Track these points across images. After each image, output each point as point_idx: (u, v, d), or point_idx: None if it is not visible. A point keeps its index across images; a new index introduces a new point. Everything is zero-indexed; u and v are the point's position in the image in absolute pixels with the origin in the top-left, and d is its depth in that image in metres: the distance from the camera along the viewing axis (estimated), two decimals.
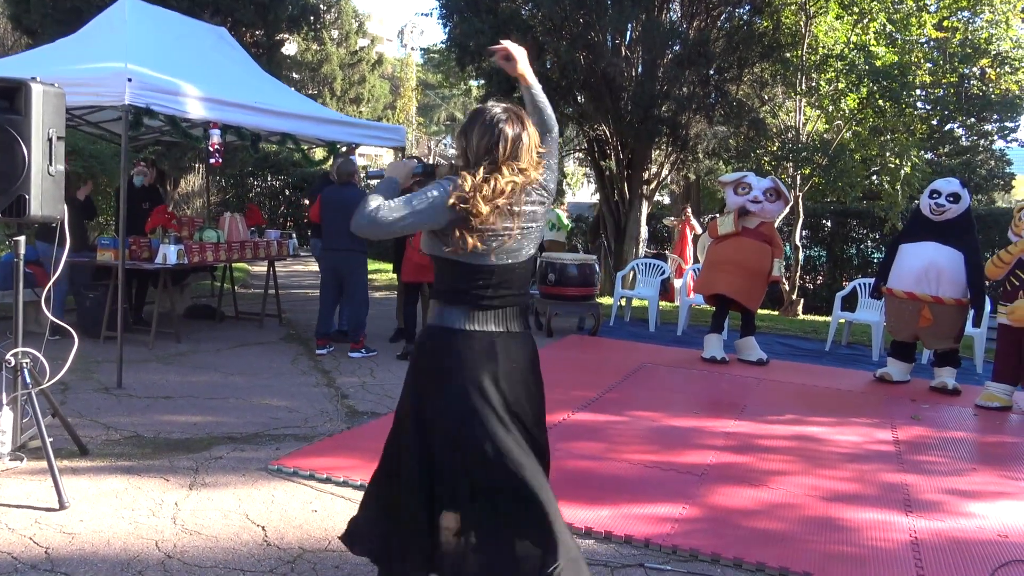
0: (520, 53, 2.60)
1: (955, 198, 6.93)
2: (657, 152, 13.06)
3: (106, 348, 6.84)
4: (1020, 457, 5.36)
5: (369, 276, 8.17)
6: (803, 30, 12.28)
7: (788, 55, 12.48)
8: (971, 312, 7.03)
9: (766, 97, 13.42)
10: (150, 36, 7.08)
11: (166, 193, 14.53)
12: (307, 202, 19.00)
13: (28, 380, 3.94)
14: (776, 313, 12.76)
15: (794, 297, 13.05)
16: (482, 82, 13.78)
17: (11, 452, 4.06)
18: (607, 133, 12.56)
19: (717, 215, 8.11)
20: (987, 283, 6.91)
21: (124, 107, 5.86)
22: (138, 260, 7.11)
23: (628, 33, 11.97)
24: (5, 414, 3.98)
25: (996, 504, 4.34)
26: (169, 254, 7.05)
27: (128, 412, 5.20)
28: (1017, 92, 13.20)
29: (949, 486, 4.60)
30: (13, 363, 3.92)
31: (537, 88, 2.62)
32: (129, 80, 5.79)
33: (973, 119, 17.14)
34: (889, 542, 3.74)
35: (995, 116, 17.20)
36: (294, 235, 9.49)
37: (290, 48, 23.50)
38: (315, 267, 12.68)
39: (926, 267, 6.89)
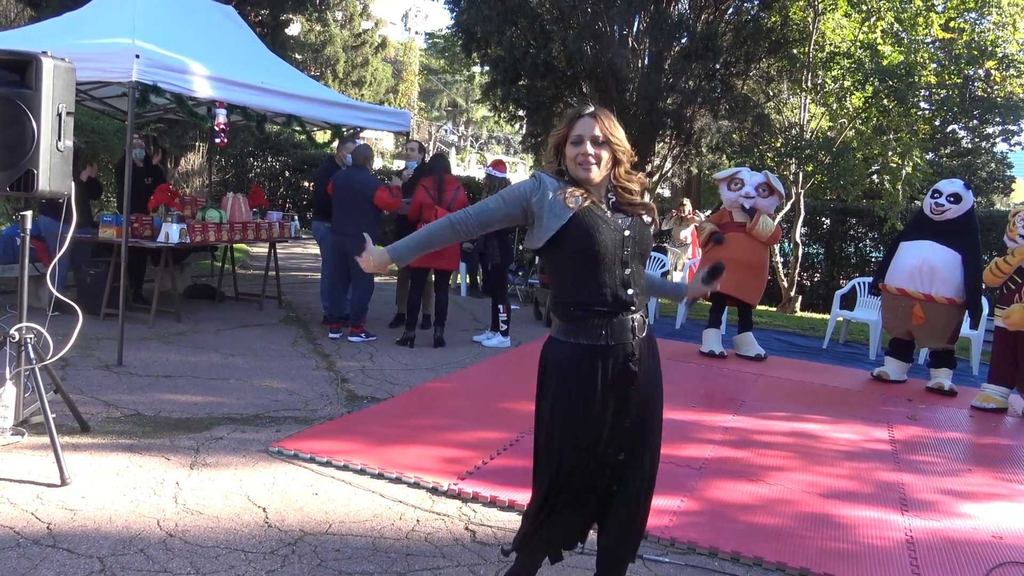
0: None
1: (956, 199, 6.94)
2: (660, 145, 13.04)
3: (106, 325, 6.84)
4: (1015, 459, 5.39)
5: None
6: (811, 27, 12.25)
7: (795, 51, 12.46)
8: (968, 314, 7.06)
9: (771, 93, 13.40)
10: (157, 13, 7.04)
11: (167, 171, 14.50)
12: (306, 184, 18.98)
13: (32, 355, 3.94)
14: (774, 310, 12.80)
15: (792, 294, 13.08)
16: (486, 69, 13.73)
17: (13, 427, 4.06)
18: None
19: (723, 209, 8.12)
20: (985, 286, 6.93)
21: (131, 84, 5.83)
22: (140, 238, 7.09)
23: (635, 24, 11.94)
24: (8, 389, 3.99)
25: (991, 505, 4.37)
26: (171, 233, 7.04)
27: (129, 390, 5.20)
28: (1021, 95, 13.21)
29: (945, 486, 4.63)
30: (17, 338, 3.91)
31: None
32: (137, 57, 5.77)
33: (976, 121, 17.16)
34: (885, 540, 3.77)
35: (998, 119, 17.22)
36: (296, 217, 9.46)
37: (294, 29, 23.41)
38: (315, 250, 12.65)
39: (919, 265, 6.92)
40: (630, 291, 2.50)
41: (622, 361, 2.50)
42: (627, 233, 2.51)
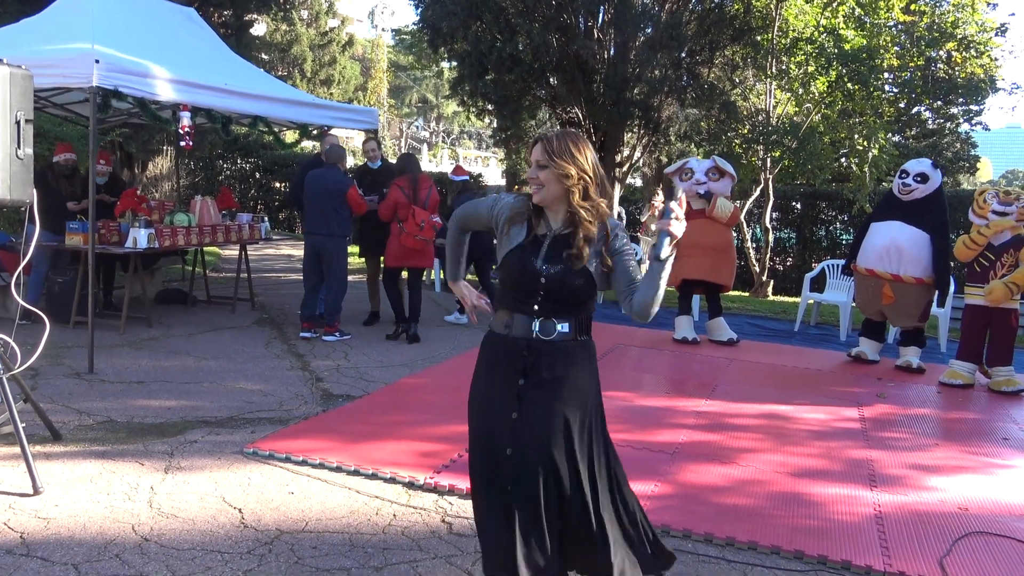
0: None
1: (923, 178, 7.04)
2: (629, 135, 13.12)
3: (76, 333, 6.78)
4: (981, 433, 5.51)
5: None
6: (773, 13, 12.37)
7: (759, 38, 12.58)
8: (940, 294, 7.17)
9: (737, 80, 13.52)
10: (117, 16, 6.97)
11: (134, 177, 14.35)
12: (277, 185, 18.87)
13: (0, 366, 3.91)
14: (747, 294, 12.93)
15: (764, 278, 13.22)
16: (454, 64, 13.72)
17: None
18: (580, 115, 12.58)
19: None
20: (953, 264, 7.05)
21: (92, 89, 5.77)
22: (107, 244, 7.03)
23: (600, 15, 11.99)
24: None
25: (957, 478, 4.47)
26: (139, 238, 6.99)
27: (100, 397, 5.17)
28: (982, 76, 13.42)
29: (912, 461, 4.73)
30: None
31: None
32: (97, 61, 5.71)
33: (939, 102, 17.36)
34: (854, 516, 3.85)
35: (961, 99, 17.45)
36: (266, 218, 9.41)
37: (259, 29, 23.23)
38: (287, 251, 12.63)
39: (888, 245, 7.03)
40: (536, 307, 2.52)
41: (517, 351, 2.54)
42: (543, 280, 2.48)
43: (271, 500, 3.70)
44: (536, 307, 2.52)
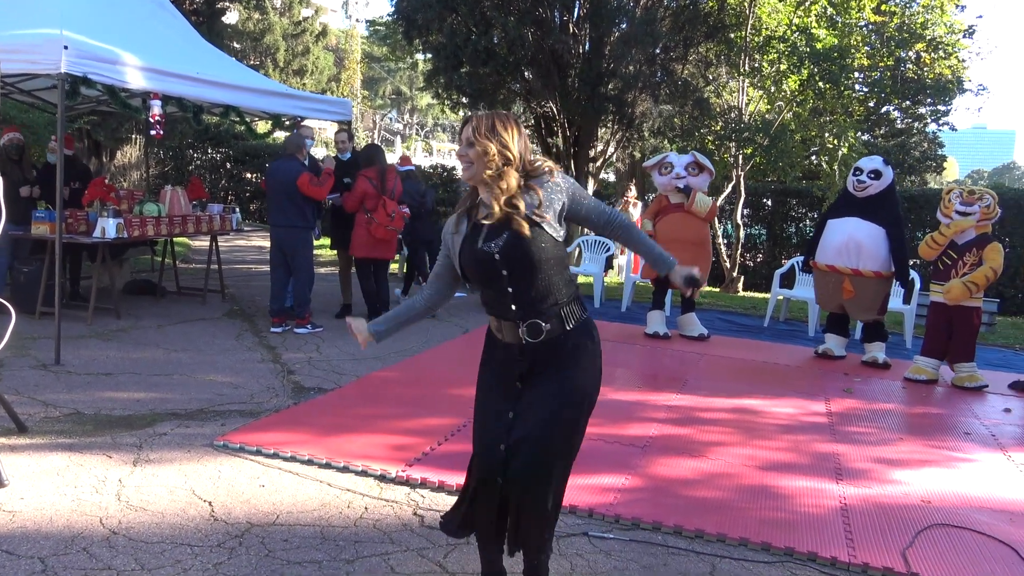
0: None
1: (876, 175, 7.17)
2: (603, 130, 13.15)
3: (42, 324, 6.68)
4: (944, 428, 5.62)
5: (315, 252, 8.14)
6: (747, 11, 12.46)
7: (732, 36, 12.67)
8: (899, 287, 7.28)
9: (710, 77, 13.60)
10: (86, 2, 6.86)
11: (102, 165, 14.14)
12: (249, 175, 18.67)
13: None
14: (717, 290, 13.04)
15: (735, 274, 13.35)
16: (429, 56, 13.65)
17: None
18: (554, 110, 12.59)
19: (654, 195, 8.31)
20: (918, 262, 7.18)
21: (60, 76, 5.68)
22: (75, 234, 6.93)
23: (576, 10, 11.99)
24: None
25: (921, 471, 4.56)
26: (108, 228, 6.89)
27: (67, 389, 5.10)
28: (949, 77, 13.63)
29: (877, 455, 4.81)
30: None
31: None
32: (65, 48, 5.62)
33: (908, 102, 17.61)
34: (820, 508, 3.91)
35: (929, 99, 17.70)
36: (237, 209, 9.32)
37: (231, 17, 22.94)
38: (258, 242, 12.51)
39: (846, 241, 7.16)
40: (513, 307, 2.54)
41: (514, 356, 2.60)
42: (497, 257, 2.49)
43: (242, 493, 3.68)
44: (513, 307, 2.54)
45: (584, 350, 2.60)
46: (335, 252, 8.41)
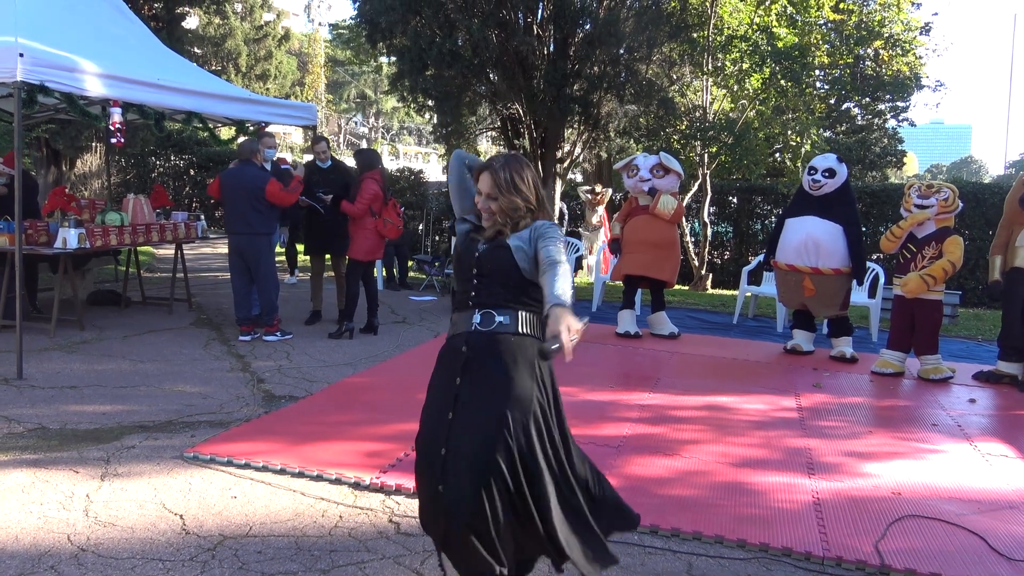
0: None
1: (830, 173, 7.26)
2: (570, 131, 13.18)
3: (3, 338, 6.54)
4: (911, 420, 5.71)
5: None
6: (709, 11, 12.58)
7: (695, 36, 12.77)
8: (858, 281, 7.38)
9: (675, 77, 13.70)
10: (42, 8, 6.71)
11: (61, 174, 13.87)
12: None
13: None
14: (687, 288, 13.14)
15: (703, 272, 13.46)
16: (393, 59, 13.59)
17: None
18: (520, 112, 12.60)
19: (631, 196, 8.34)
20: (881, 256, 7.29)
21: (16, 84, 5.56)
22: (35, 245, 6.79)
23: (539, 11, 12.00)
24: None
25: (890, 464, 4.63)
26: (69, 238, 6.76)
27: (31, 403, 4.99)
28: (907, 73, 13.88)
29: (848, 448, 4.87)
30: None
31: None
32: (21, 55, 5.50)
33: (868, 99, 17.91)
34: (794, 503, 3.95)
35: (888, 96, 18.02)
36: (202, 217, 9.19)
37: (191, 22, 22.63)
38: (224, 250, 12.34)
39: (804, 240, 7.23)
40: (474, 293, 2.65)
41: (457, 348, 2.66)
42: (476, 255, 2.67)
43: (213, 505, 3.62)
44: (473, 294, 2.62)
45: (526, 353, 2.61)
46: (308, 258, 8.35)
